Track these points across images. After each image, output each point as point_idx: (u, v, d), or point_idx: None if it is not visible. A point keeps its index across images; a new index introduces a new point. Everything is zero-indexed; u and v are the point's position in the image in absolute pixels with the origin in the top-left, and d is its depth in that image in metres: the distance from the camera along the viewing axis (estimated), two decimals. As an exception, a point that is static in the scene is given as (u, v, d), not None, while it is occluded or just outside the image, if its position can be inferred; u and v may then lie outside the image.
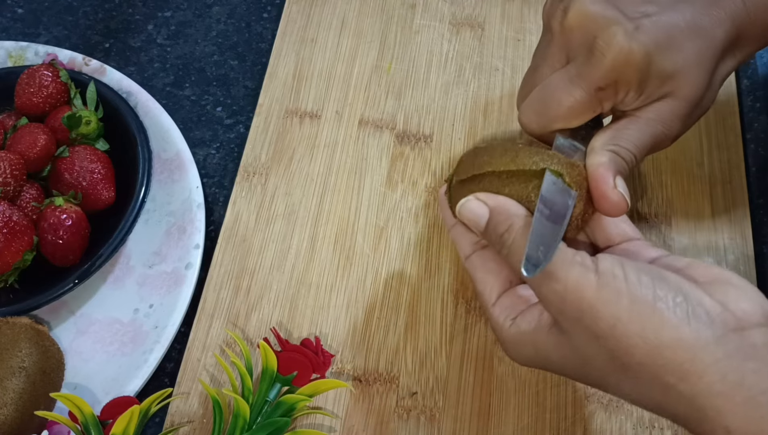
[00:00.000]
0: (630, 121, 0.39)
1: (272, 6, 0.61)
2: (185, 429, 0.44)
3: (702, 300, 0.31)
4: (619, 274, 0.32)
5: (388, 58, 0.57)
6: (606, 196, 0.37)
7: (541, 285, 0.34)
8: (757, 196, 0.51)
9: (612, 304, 0.32)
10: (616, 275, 0.32)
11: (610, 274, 0.32)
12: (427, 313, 0.47)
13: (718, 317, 0.31)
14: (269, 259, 0.49)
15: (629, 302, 0.31)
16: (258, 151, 0.53)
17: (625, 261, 0.33)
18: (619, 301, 0.31)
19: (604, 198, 0.37)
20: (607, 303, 0.32)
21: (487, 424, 0.43)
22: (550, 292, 0.34)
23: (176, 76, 0.58)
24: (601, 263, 0.33)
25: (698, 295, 0.32)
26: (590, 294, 0.32)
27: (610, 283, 0.32)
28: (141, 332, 0.46)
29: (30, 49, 0.55)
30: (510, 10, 0.58)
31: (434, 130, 0.54)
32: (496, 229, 0.37)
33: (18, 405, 0.40)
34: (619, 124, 0.39)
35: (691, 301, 0.31)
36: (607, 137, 0.38)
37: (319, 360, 0.44)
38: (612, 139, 0.38)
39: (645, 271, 0.33)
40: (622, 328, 0.31)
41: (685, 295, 0.31)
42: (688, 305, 0.31)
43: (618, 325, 0.31)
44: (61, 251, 0.45)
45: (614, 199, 0.37)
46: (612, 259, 0.33)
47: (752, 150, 0.52)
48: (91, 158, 0.48)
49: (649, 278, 0.32)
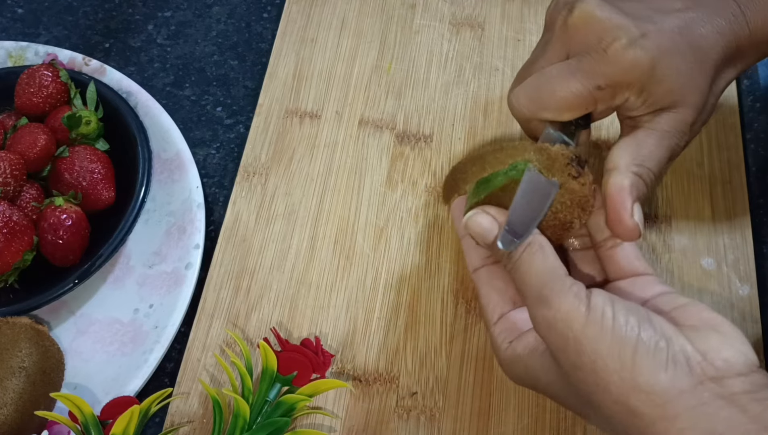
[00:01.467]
0: (648, 135, 0.39)
1: (272, 6, 0.61)
2: (185, 429, 0.44)
3: (684, 347, 0.32)
4: (608, 313, 0.33)
5: (388, 58, 0.57)
6: (622, 222, 0.37)
7: (535, 306, 0.35)
8: (757, 196, 0.51)
9: (596, 341, 0.32)
10: (605, 314, 0.33)
11: (599, 310, 0.33)
12: (427, 313, 0.47)
13: (698, 366, 0.31)
14: (269, 259, 0.49)
15: (612, 341, 0.32)
16: (258, 151, 0.53)
17: (617, 300, 0.34)
18: (602, 339, 0.32)
19: (620, 223, 0.37)
20: (592, 339, 0.32)
21: (487, 424, 0.43)
22: (541, 317, 0.34)
23: (176, 76, 0.58)
24: (594, 298, 0.34)
25: (681, 343, 0.32)
26: (577, 326, 0.33)
27: (598, 320, 0.33)
28: (141, 332, 0.46)
29: (30, 49, 0.55)
30: (510, 10, 0.58)
31: (434, 130, 0.53)
32: None
33: (18, 405, 0.40)
34: (638, 137, 0.39)
35: (672, 346, 0.32)
36: (630, 155, 0.38)
37: (319, 360, 0.44)
38: (635, 159, 0.38)
39: (634, 312, 0.33)
40: (602, 364, 0.32)
41: (668, 341, 0.32)
42: (669, 351, 0.32)
43: (598, 361, 0.32)
44: (61, 251, 0.45)
45: (629, 227, 0.37)
46: (604, 296, 0.34)
47: (752, 150, 0.52)
48: (91, 158, 0.48)
49: (636, 320, 0.33)
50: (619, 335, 0.32)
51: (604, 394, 0.32)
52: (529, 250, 0.36)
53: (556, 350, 0.34)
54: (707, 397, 0.30)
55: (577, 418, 0.43)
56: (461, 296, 0.47)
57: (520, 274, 0.36)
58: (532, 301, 0.35)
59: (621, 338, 0.32)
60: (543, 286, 0.34)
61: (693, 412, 0.30)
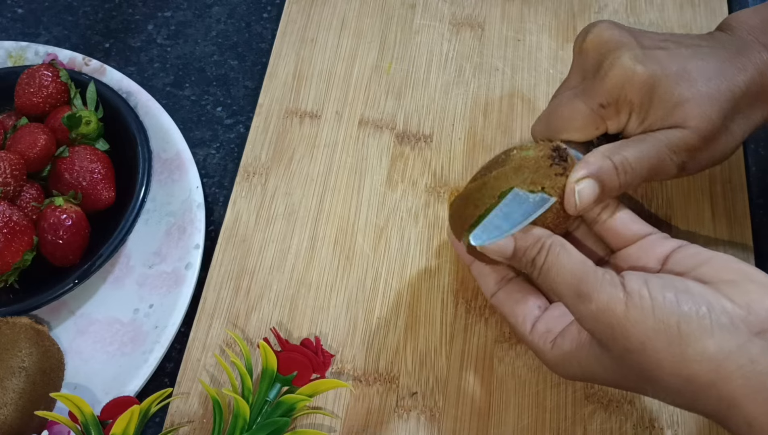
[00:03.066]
0: (637, 138, 0.39)
1: (272, 6, 0.61)
2: (185, 429, 0.44)
3: (725, 307, 0.33)
4: (645, 294, 0.34)
5: (388, 58, 0.57)
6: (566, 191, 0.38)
7: (575, 304, 0.35)
8: (757, 196, 0.51)
9: (640, 324, 0.33)
10: (642, 295, 0.34)
11: (636, 294, 0.34)
12: (427, 313, 0.47)
13: (742, 323, 0.32)
14: (269, 259, 0.49)
15: (655, 321, 0.33)
16: (258, 151, 0.53)
17: (650, 278, 0.34)
18: (645, 321, 0.33)
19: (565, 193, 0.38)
20: (636, 322, 0.33)
21: (487, 424, 0.43)
22: (584, 312, 0.35)
23: (176, 76, 0.58)
24: (628, 283, 0.34)
25: (721, 304, 0.33)
26: (620, 313, 0.34)
27: (637, 303, 0.33)
28: (141, 332, 0.46)
29: (30, 49, 0.55)
30: (510, 10, 0.58)
31: (434, 130, 0.54)
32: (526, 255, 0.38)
33: (18, 405, 0.40)
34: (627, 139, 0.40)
35: (714, 310, 0.33)
36: (606, 147, 0.39)
37: (319, 360, 0.44)
38: (609, 149, 0.39)
39: (669, 286, 0.34)
40: (651, 345, 0.33)
41: (709, 306, 0.33)
42: (711, 316, 0.32)
43: (647, 342, 0.33)
44: (61, 251, 0.45)
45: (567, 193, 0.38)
46: (637, 277, 0.34)
47: (752, 150, 0.52)
48: (91, 158, 0.48)
49: (673, 295, 0.33)
50: (661, 313, 0.33)
51: (659, 371, 0.33)
52: (552, 252, 0.37)
53: (606, 339, 0.35)
54: (756, 353, 0.32)
55: (577, 417, 0.43)
56: (461, 296, 0.47)
57: (551, 277, 0.37)
58: (571, 300, 0.36)
59: (663, 316, 0.33)
60: (579, 283, 0.35)
61: (744, 370, 0.31)
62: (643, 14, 0.58)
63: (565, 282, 0.36)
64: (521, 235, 0.38)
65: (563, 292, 0.36)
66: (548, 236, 0.37)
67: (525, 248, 0.38)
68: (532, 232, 0.38)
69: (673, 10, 0.58)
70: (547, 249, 0.37)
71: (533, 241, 0.38)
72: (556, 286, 0.36)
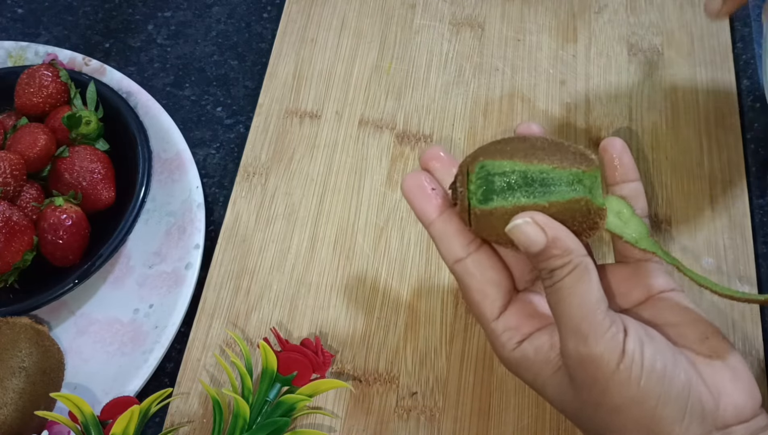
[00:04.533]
0: None
1: (272, 6, 0.61)
2: (185, 429, 0.44)
3: (701, 397, 0.33)
4: (637, 359, 0.33)
5: (388, 58, 0.57)
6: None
7: (568, 338, 0.33)
8: (757, 196, 0.51)
9: (623, 387, 0.32)
10: (635, 360, 0.33)
11: (631, 356, 0.33)
12: (427, 313, 0.47)
13: (710, 415, 0.33)
14: (269, 259, 0.49)
15: (638, 391, 0.32)
16: (258, 151, 0.53)
17: (647, 341, 0.33)
18: (629, 387, 0.32)
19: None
20: (619, 384, 0.32)
21: (487, 424, 0.43)
22: (572, 350, 0.33)
23: (176, 76, 0.58)
24: (628, 343, 0.33)
25: (699, 392, 0.33)
26: (608, 370, 0.33)
27: (628, 367, 0.32)
28: (141, 332, 0.46)
29: (30, 49, 0.55)
30: (510, 10, 0.58)
31: (434, 130, 0.53)
32: (548, 263, 0.33)
33: (18, 405, 0.40)
34: None
35: (692, 397, 0.33)
36: None
37: (319, 360, 0.44)
38: None
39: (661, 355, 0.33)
40: (625, 409, 0.33)
41: (690, 389, 0.33)
42: (689, 402, 0.32)
43: (622, 407, 0.33)
44: (61, 251, 0.45)
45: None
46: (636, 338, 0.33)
47: (752, 150, 0.52)
48: (91, 158, 0.48)
49: (662, 365, 0.33)
50: (646, 385, 0.32)
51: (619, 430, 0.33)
52: (575, 273, 0.33)
53: (581, 384, 0.34)
54: None
55: (577, 418, 0.43)
56: (461, 296, 0.47)
57: (559, 298, 0.33)
58: (566, 331, 0.33)
59: (647, 389, 0.32)
60: (582, 320, 0.32)
61: None
62: (643, 14, 0.58)
63: (571, 312, 0.33)
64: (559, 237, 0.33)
65: (563, 319, 0.33)
66: (581, 256, 0.33)
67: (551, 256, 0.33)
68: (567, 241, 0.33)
69: (673, 10, 0.58)
70: (571, 268, 0.33)
71: (562, 252, 0.33)
72: (560, 310, 0.33)
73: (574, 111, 0.54)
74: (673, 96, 0.54)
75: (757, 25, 0.57)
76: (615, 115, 0.54)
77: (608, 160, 0.38)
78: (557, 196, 0.33)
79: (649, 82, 0.55)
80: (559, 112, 0.54)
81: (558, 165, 0.33)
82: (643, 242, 0.35)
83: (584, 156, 0.34)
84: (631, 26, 0.57)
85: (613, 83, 0.55)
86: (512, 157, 0.33)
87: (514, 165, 0.33)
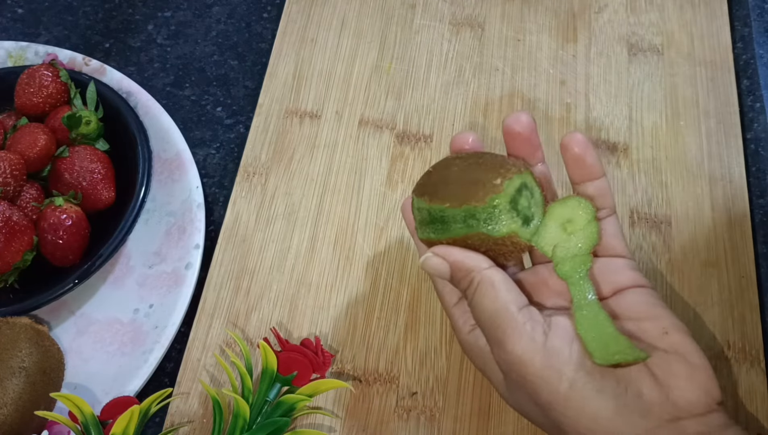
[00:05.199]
0: None
1: (272, 6, 0.61)
2: (185, 429, 0.44)
3: (641, 392, 0.32)
4: (564, 354, 0.33)
5: (388, 58, 0.57)
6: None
7: (492, 346, 0.35)
8: (757, 196, 0.51)
9: (552, 384, 0.33)
10: (562, 354, 0.33)
11: (556, 353, 0.33)
12: (427, 313, 0.47)
13: (656, 408, 0.32)
14: (269, 259, 0.49)
15: (568, 388, 0.32)
16: (258, 151, 0.53)
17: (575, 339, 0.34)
18: (559, 384, 0.32)
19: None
20: (549, 381, 0.33)
21: (487, 424, 0.43)
22: (497, 356, 0.35)
23: (176, 76, 0.58)
24: (551, 339, 0.33)
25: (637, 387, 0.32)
26: (533, 371, 0.33)
27: (554, 364, 0.33)
28: (141, 332, 0.46)
29: (30, 49, 0.55)
30: (510, 10, 0.58)
31: (434, 130, 0.53)
32: (459, 285, 0.37)
33: (18, 405, 0.40)
34: None
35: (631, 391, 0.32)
36: None
37: (319, 360, 0.44)
38: None
39: None
40: (560, 409, 0.33)
41: (627, 385, 0.32)
42: (627, 397, 0.32)
43: (555, 404, 0.33)
44: (61, 251, 0.45)
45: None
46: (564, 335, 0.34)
47: (752, 150, 0.52)
48: (91, 158, 0.48)
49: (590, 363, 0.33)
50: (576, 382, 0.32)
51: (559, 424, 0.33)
52: (480, 288, 0.35)
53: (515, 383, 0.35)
54: None
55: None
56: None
57: (475, 313, 0.36)
58: (489, 340, 0.35)
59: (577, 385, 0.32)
60: (495, 329, 0.34)
61: None
62: (643, 14, 0.58)
63: (485, 324, 0.35)
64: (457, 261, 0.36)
65: (483, 330, 0.36)
66: (479, 270, 0.35)
67: (458, 279, 0.36)
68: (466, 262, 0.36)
69: (673, 10, 0.58)
70: (476, 285, 0.35)
71: (464, 274, 0.36)
72: (478, 320, 0.36)
73: (574, 111, 0.54)
74: (673, 96, 0.54)
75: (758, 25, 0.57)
76: (615, 115, 0.54)
77: (569, 158, 0.38)
78: (453, 232, 0.36)
79: (649, 82, 0.55)
80: (559, 112, 0.54)
81: (452, 203, 0.35)
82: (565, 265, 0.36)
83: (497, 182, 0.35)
84: (631, 26, 0.57)
85: (613, 83, 0.55)
86: (423, 194, 0.37)
87: (421, 203, 0.37)
